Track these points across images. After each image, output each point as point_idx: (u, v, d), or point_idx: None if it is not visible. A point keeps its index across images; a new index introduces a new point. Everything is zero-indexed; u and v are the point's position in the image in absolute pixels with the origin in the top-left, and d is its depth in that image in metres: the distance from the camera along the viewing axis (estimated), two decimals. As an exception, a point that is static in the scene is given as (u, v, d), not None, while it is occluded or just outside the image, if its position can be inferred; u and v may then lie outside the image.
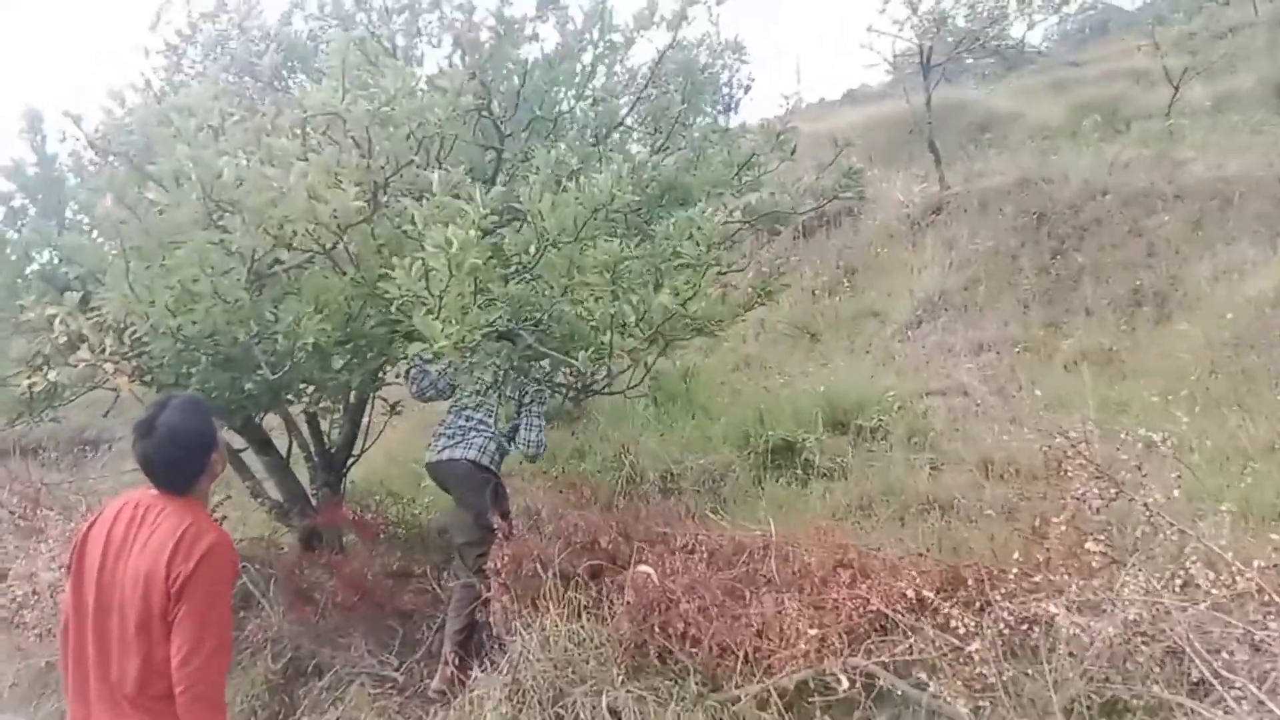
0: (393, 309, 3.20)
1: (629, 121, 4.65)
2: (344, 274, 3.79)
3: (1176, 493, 3.54)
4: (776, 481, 6.31)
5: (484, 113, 3.99)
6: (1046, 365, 7.82)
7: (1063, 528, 3.42)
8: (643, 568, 3.63)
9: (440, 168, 3.14)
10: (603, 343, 3.37)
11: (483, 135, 4.28)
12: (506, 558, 3.90)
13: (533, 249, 3.44)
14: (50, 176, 4.51)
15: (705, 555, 3.71)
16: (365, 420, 5.48)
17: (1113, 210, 9.68)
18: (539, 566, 3.81)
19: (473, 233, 2.90)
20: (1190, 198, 9.50)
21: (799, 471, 6.42)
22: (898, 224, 11.18)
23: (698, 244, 3.33)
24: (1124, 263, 9.03)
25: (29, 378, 4.29)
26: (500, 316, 3.30)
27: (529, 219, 3.29)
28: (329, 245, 3.67)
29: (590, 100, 4.34)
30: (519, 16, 3.78)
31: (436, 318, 2.92)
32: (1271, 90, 12.81)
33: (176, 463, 2.59)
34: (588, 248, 3.40)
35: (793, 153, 4.80)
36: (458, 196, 3.01)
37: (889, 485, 5.75)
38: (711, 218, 3.77)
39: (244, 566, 4.74)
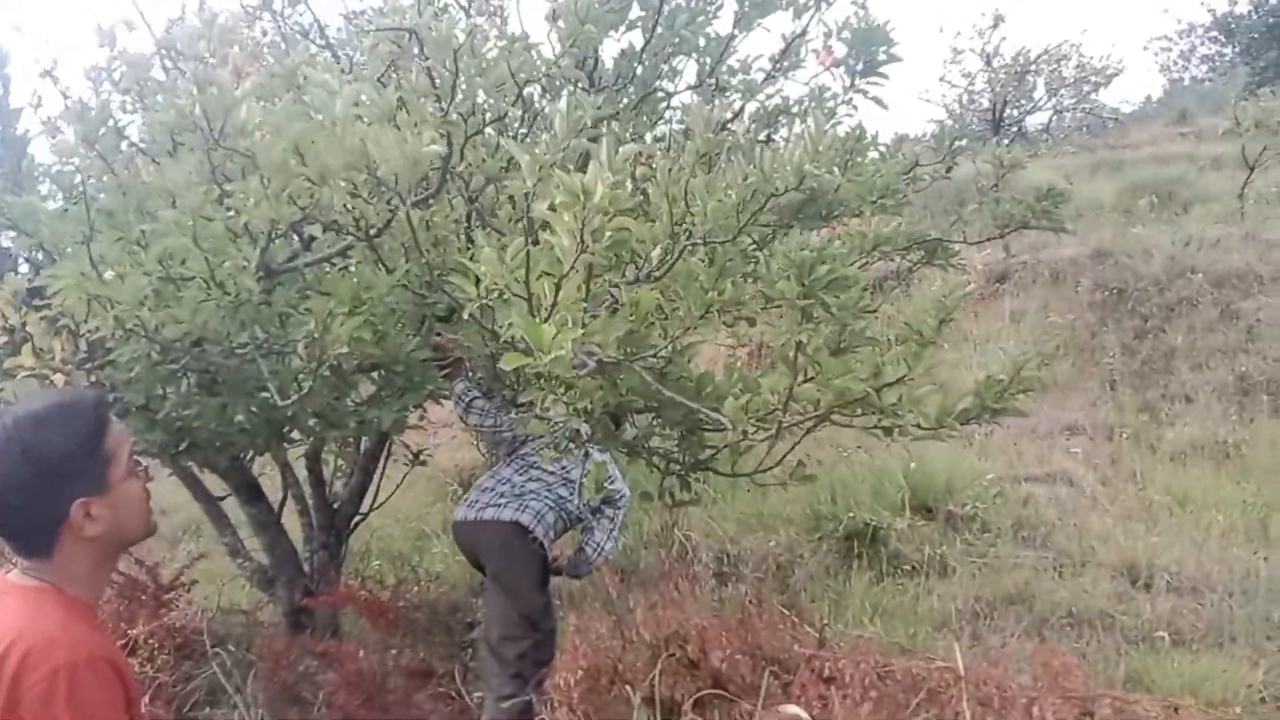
0: (465, 314, 2.19)
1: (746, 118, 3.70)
2: (389, 270, 2.80)
3: None
4: (860, 574, 5.27)
5: (584, 77, 3.03)
6: (1150, 455, 6.85)
7: None
8: (790, 709, 2.56)
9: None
10: (759, 390, 2.37)
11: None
12: (581, 671, 2.83)
13: (658, 250, 2.43)
14: (9, 133, 3.53)
15: (864, 690, 2.64)
16: (380, 470, 4.43)
17: (1203, 290, 8.84)
18: (627, 688, 2.74)
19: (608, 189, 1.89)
20: (1289, 281, 8.70)
21: (885, 564, 5.40)
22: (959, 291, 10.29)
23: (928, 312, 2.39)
24: (1222, 347, 8.16)
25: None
26: (616, 336, 2.27)
27: (669, 203, 2.30)
28: (372, 230, 2.68)
29: (713, 82, 3.40)
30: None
31: (547, 319, 1.91)
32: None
33: (10, 504, 1.43)
34: (745, 249, 2.43)
35: (948, 171, 3.89)
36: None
37: (1014, 590, 4.71)
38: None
39: (215, 651, 3.63)
